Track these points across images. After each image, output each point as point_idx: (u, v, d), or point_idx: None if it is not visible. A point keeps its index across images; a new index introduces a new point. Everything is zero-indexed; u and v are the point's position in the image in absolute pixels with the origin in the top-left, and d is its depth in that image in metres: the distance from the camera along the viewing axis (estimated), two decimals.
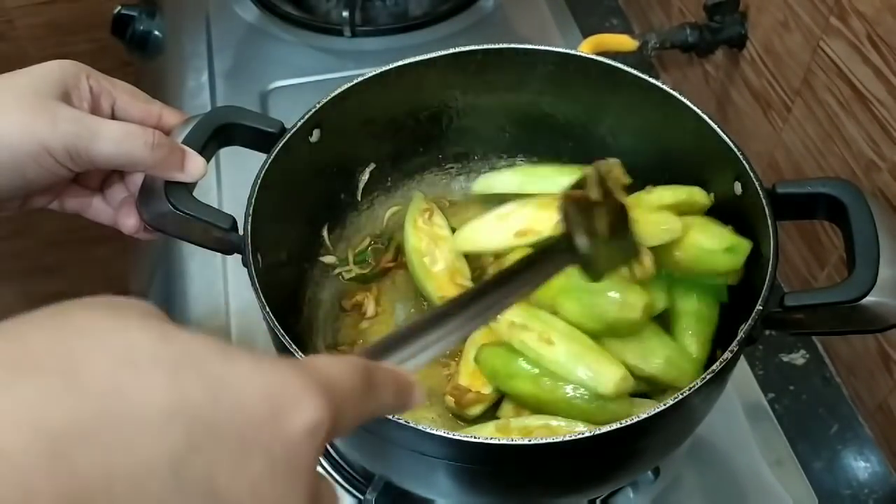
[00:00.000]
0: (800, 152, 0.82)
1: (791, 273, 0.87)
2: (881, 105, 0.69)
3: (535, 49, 0.71)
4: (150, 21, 1.15)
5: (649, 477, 0.69)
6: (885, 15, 0.66)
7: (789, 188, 0.59)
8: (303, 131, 0.66)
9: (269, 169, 0.63)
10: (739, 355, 0.54)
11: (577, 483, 0.60)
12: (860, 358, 0.78)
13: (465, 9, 1.12)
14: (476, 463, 0.54)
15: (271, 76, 1.04)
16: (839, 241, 0.75)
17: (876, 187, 0.71)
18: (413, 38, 1.08)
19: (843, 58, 0.72)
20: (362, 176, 0.78)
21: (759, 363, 0.81)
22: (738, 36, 0.89)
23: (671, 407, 0.50)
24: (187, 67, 1.07)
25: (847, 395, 0.80)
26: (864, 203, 0.56)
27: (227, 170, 0.92)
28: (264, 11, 1.12)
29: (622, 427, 0.49)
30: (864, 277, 0.53)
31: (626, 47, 0.92)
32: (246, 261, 0.58)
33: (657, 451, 0.61)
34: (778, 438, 0.75)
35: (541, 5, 1.14)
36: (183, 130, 0.61)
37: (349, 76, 0.69)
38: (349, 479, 0.71)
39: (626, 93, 0.70)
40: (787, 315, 0.55)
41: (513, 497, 0.62)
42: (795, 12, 0.78)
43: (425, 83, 0.72)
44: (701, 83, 1.00)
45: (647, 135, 0.72)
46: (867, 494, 0.74)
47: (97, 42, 1.45)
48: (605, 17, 1.18)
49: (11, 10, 1.38)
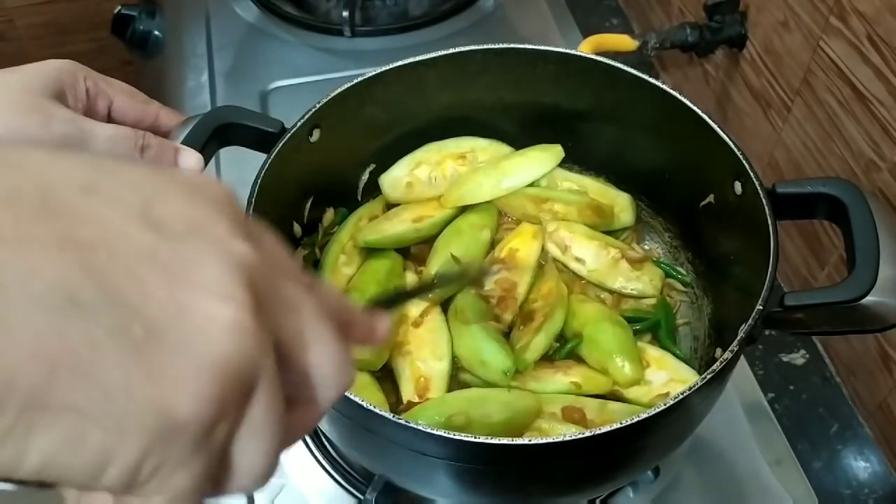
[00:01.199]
0: (800, 152, 0.82)
1: (791, 273, 0.87)
2: (881, 105, 0.69)
3: (536, 49, 0.71)
4: (150, 21, 1.15)
5: (649, 476, 0.69)
6: (885, 15, 0.66)
7: (789, 188, 0.59)
8: (303, 131, 0.66)
9: (269, 169, 0.63)
10: (740, 355, 0.54)
11: (578, 483, 0.60)
12: (860, 358, 0.78)
13: (465, 9, 1.12)
14: (476, 463, 0.54)
15: (271, 76, 1.04)
16: (839, 241, 0.75)
17: (876, 187, 0.71)
18: (413, 38, 1.08)
19: (843, 58, 0.72)
20: (362, 176, 0.78)
21: (759, 363, 0.81)
22: (738, 36, 0.89)
23: (671, 407, 0.50)
24: (187, 67, 1.07)
25: (847, 395, 0.80)
26: (865, 203, 0.56)
27: (227, 170, 0.92)
28: (264, 11, 1.12)
29: (622, 427, 0.49)
30: (864, 277, 0.53)
31: (626, 47, 0.92)
32: None
33: (657, 450, 0.61)
34: (778, 438, 0.75)
35: (541, 5, 1.14)
36: (183, 130, 0.61)
37: (349, 76, 0.69)
38: (349, 479, 0.71)
39: (626, 93, 0.70)
40: (788, 315, 0.55)
41: (513, 497, 0.61)
42: (795, 12, 0.78)
43: (425, 83, 0.72)
44: (701, 83, 1.00)
45: (647, 134, 0.72)
46: (867, 494, 0.74)
47: (97, 42, 1.45)
48: (605, 16, 1.18)
49: (11, 10, 1.38)
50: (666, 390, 0.65)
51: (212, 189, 0.26)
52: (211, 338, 0.22)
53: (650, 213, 0.78)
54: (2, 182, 0.22)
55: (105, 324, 0.21)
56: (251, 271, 0.24)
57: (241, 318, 0.23)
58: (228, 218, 0.25)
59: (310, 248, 0.74)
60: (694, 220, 0.73)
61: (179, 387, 0.22)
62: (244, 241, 0.24)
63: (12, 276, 0.20)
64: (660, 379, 0.66)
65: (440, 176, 0.78)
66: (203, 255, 0.23)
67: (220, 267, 0.23)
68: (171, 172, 0.25)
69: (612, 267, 0.73)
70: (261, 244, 0.26)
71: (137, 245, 0.22)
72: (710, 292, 0.72)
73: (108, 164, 0.24)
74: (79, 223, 0.22)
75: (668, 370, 0.67)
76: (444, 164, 0.78)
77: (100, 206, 0.22)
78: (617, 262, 0.73)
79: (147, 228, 0.23)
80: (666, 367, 0.67)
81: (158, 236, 0.23)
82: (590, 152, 0.79)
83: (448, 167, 0.78)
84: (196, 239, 0.23)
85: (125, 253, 0.22)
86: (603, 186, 0.78)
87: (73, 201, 0.22)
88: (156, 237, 0.23)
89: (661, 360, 0.68)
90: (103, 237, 0.22)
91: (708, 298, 0.72)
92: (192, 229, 0.23)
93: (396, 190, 0.78)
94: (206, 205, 0.25)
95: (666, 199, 0.76)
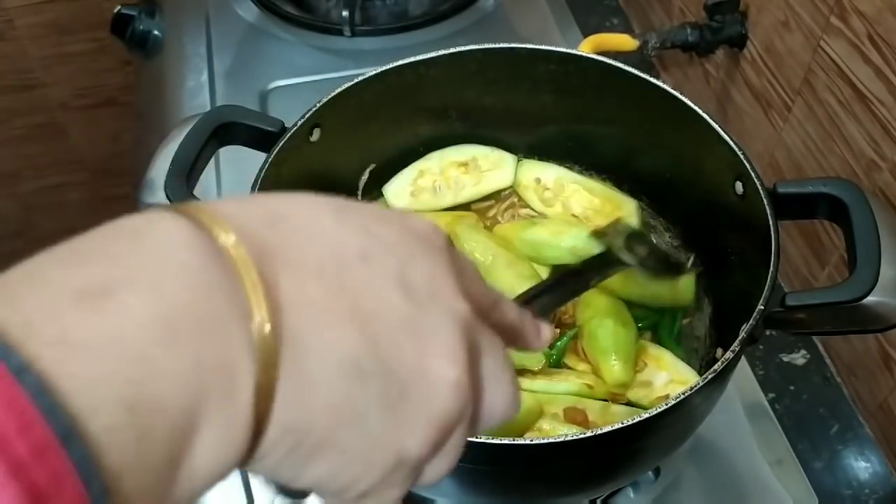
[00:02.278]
0: (800, 152, 0.82)
1: (791, 273, 0.87)
2: (882, 105, 0.69)
3: (536, 49, 0.71)
4: (150, 20, 1.15)
5: (650, 477, 0.69)
6: (886, 14, 0.66)
7: (790, 188, 0.59)
8: (303, 131, 0.66)
9: (269, 168, 0.62)
10: (741, 355, 0.54)
11: (579, 483, 0.60)
12: (861, 358, 0.78)
13: (465, 9, 1.12)
14: (477, 463, 0.54)
15: (271, 76, 1.04)
16: (839, 242, 0.75)
17: (877, 187, 0.71)
18: (413, 38, 1.08)
19: (844, 57, 0.72)
20: (362, 176, 0.78)
21: (759, 363, 0.81)
22: (739, 35, 0.88)
23: (672, 407, 0.50)
24: (187, 67, 1.07)
25: (847, 395, 0.80)
26: (866, 202, 0.56)
27: (227, 170, 0.92)
28: (264, 11, 1.12)
29: (623, 427, 0.49)
30: (865, 277, 0.53)
31: (626, 47, 0.92)
32: None
33: (658, 450, 0.60)
34: (778, 438, 0.74)
35: (541, 5, 1.14)
36: (182, 130, 0.61)
37: (349, 76, 0.69)
38: None
39: (626, 93, 0.70)
40: (789, 315, 0.55)
41: (514, 497, 0.61)
42: (796, 12, 0.78)
43: (425, 83, 0.72)
44: (701, 83, 1.00)
45: (647, 134, 0.72)
46: (868, 494, 0.74)
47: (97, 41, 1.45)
48: (606, 16, 1.18)
49: (11, 10, 1.38)
50: (666, 392, 0.65)
51: (439, 241, 0.31)
52: (440, 394, 0.28)
53: (651, 213, 0.78)
54: (310, 253, 0.27)
55: (376, 386, 0.27)
56: (468, 328, 0.29)
57: (461, 377, 0.28)
58: (452, 275, 0.30)
59: None
60: (695, 221, 0.73)
61: (413, 433, 0.28)
62: (463, 298, 0.30)
63: (319, 343, 0.26)
64: (661, 380, 0.66)
65: (444, 184, 0.78)
66: (440, 320, 0.28)
67: (449, 332, 0.28)
68: (407, 222, 0.31)
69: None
70: (468, 279, 0.31)
71: (398, 313, 0.28)
72: (711, 292, 0.72)
73: (374, 226, 0.29)
74: (360, 293, 0.27)
75: (668, 370, 0.67)
76: (447, 173, 0.78)
77: (372, 275, 0.28)
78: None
79: (403, 295, 0.28)
80: (665, 366, 0.67)
81: (411, 302, 0.28)
82: (590, 152, 0.78)
83: (451, 175, 0.78)
84: (435, 303, 0.29)
85: (391, 321, 0.27)
86: (608, 190, 0.78)
87: (356, 271, 0.27)
88: (409, 304, 0.28)
89: (661, 360, 0.67)
90: (377, 307, 0.27)
91: (708, 298, 0.72)
92: (432, 294, 0.29)
93: (401, 199, 0.78)
94: (439, 263, 0.30)
95: (667, 199, 0.76)
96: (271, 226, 0.27)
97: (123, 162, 1.54)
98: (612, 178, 0.79)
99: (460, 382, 0.28)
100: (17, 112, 1.52)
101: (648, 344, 0.69)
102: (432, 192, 0.78)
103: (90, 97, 1.54)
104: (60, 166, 1.65)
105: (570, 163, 0.79)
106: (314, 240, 0.28)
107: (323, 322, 0.26)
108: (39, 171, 1.64)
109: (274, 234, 0.27)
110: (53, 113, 1.55)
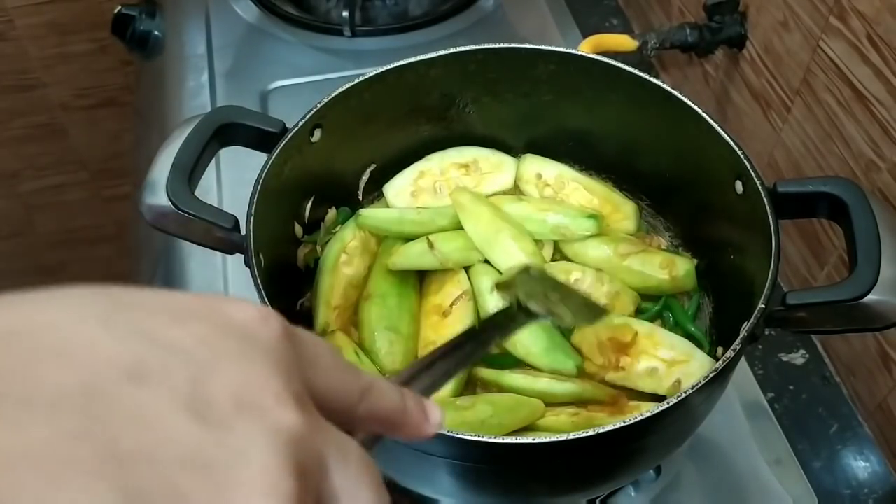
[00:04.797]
0: (799, 152, 0.82)
1: (791, 273, 0.87)
2: (881, 105, 0.69)
3: (536, 49, 0.71)
4: (150, 21, 1.15)
5: (650, 476, 0.70)
6: (885, 15, 0.66)
7: (790, 187, 0.59)
8: (304, 131, 0.66)
9: (270, 169, 0.63)
10: (742, 354, 0.54)
11: (580, 482, 0.60)
12: (860, 357, 0.78)
13: (465, 9, 1.12)
14: (479, 462, 0.54)
15: (271, 76, 1.04)
16: (839, 241, 0.76)
17: (876, 187, 0.71)
18: (413, 38, 1.08)
19: (843, 58, 0.72)
20: (363, 176, 0.78)
21: (758, 363, 0.82)
22: (738, 36, 0.89)
23: (673, 406, 0.50)
24: (187, 67, 1.07)
25: (847, 395, 0.80)
26: (866, 202, 0.56)
27: (228, 170, 0.92)
28: (264, 11, 1.12)
29: (624, 426, 0.49)
30: (865, 276, 0.53)
31: (626, 47, 0.92)
32: (248, 261, 0.58)
33: (659, 450, 0.61)
34: (778, 438, 0.75)
35: (541, 5, 1.14)
36: (183, 130, 0.61)
37: (349, 76, 0.69)
38: None
39: (626, 93, 0.70)
40: (789, 313, 0.55)
41: (515, 496, 0.62)
42: (795, 12, 0.78)
43: (425, 83, 0.72)
44: (701, 83, 1.00)
45: (647, 134, 0.72)
46: (867, 494, 0.74)
47: (97, 42, 1.45)
48: (605, 17, 1.18)
49: (11, 10, 1.38)
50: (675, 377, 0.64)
51: (266, 333, 0.25)
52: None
53: (651, 212, 0.78)
54: (47, 380, 0.21)
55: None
56: (296, 445, 0.23)
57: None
58: (278, 377, 0.24)
59: (311, 247, 0.74)
60: (695, 220, 0.74)
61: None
62: (292, 406, 0.24)
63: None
64: (664, 354, 0.65)
65: (445, 185, 0.78)
66: (249, 443, 0.22)
67: (264, 457, 0.22)
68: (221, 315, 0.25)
69: (620, 262, 0.73)
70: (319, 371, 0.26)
71: (181, 447, 0.21)
72: (711, 291, 0.72)
73: (162, 329, 0.23)
74: (122, 429, 0.21)
75: (666, 347, 0.66)
76: (448, 173, 0.79)
77: (146, 398, 0.22)
78: (624, 258, 0.73)
79: (193, 419, 0.22)
80: (661, 343, 0.66)
81: (204, 428, 0.22)
82: (590, 152, 0.79)
83: (452, 176, 0.78)
84: (243, 420, 0.23)
85: (167, 462, 0.21)
86: (608, 191, 0.78)
87: (119, 396, 0.21)
88: (201, 430, 0.22)
89: (652, 336, 0.67)
90: (145, 445, 0.21)
91: (709, 297, 0.72)
92: (240, 407, 0.23)
93: (401, 199, 0.78)
94: (260, 363, 0.24)
95: (667, 199, 0.76)
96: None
97: (123, 162, 1.54)
98: (613, 177, 0.79)
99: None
100: (17, 112, 1.52)
101: (632, 321, 0.68)
102: (433, 193, 0.78)
103: (90, 97, 1.54)
104: (60, 166, 1.65)
105: (570, 162, 0.79)
106: (61, 360, 0.21)
107: (56, 482, 0.19)
108: (39, 171, 1.65)
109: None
110: (53, 113, 1.55)
